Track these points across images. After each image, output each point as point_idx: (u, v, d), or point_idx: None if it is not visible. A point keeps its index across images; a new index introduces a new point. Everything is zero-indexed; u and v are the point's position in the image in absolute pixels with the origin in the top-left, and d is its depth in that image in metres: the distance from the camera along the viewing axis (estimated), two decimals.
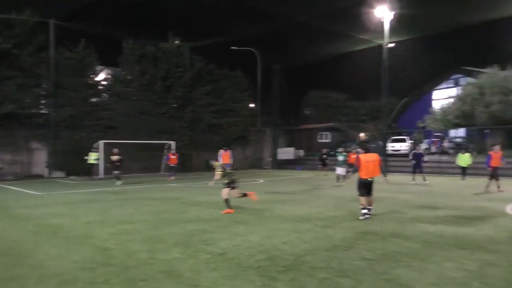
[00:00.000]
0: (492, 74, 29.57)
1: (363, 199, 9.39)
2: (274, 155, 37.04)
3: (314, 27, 32.17)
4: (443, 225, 8.57)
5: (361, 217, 9.27)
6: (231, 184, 10.78)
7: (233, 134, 33.93)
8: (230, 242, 7.07)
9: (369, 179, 9.39)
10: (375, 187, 9.65)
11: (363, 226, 8.47)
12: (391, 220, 9.18)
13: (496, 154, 15.72)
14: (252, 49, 37.20)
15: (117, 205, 12.27)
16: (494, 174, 15.51)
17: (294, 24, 32.39)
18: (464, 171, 21.32)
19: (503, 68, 29.63)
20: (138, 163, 27.27)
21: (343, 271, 5.37)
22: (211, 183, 11.61)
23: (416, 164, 20.14)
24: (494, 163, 15.60)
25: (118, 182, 19.46)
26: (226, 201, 10.55)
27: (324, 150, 26.45)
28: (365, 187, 9.40)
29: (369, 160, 9.43)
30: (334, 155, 22.16)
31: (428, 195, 14.63)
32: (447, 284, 4.83)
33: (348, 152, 19.92)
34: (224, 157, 21.14)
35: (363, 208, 9.36)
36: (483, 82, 29.64)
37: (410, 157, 20.80)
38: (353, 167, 10.96)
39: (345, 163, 18.49)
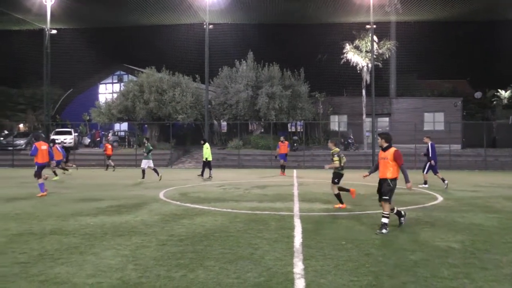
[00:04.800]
0: (149, 74, 32.91)
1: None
2: None
3: None
4: (104, 216, 8.89)
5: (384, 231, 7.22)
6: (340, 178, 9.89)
7: None
8: None
9: None
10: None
11: (17, 228, 7.66)
12: (50, 217, 8.74)
13: (283, 144, 21.38)
14: None
15: None
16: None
17: None
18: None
19: (158, 70, 33.52)
20: None
21: None
22: (327, 167, 10.33)
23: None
24: (283, 150, 21.29)
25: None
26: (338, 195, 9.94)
27: None
28: None
29: None
30: None
31: (90, 187, 14.80)
32: (105, 272, 5.05)
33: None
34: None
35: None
36: (143, 81, 32.55)
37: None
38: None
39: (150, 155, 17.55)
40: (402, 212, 7.88)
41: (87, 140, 36.56)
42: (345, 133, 33.65)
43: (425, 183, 15.05)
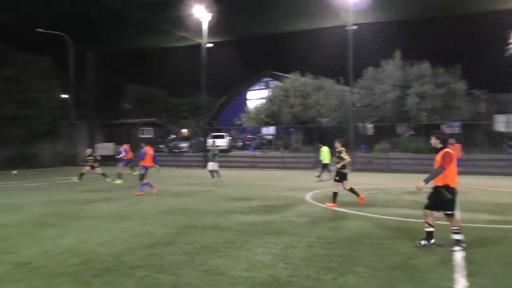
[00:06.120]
0: (294, 79, 33.85)
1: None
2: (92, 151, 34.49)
3: (132, 17, 31.08)
4: (255, 215, 9.43)
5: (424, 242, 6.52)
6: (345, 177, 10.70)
7: (39, 127, 30.15)
8: (38, 249, 6.32)
9: None
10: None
11: (183, 221, 8.65)
12: (208, 213, 9.63)
13: (454, 147, 18.21)
14: (62, 34, 33.65)
15: None
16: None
17: (109, 10, 30.63)
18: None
19: (302, 74, 34.22)
20: None
21: (162, 266, 5.40)
22: (338, 165, 10.89)
23: None
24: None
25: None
26: (335, 194, 10.66)
27: (89, 151, 19.42)
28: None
29: None
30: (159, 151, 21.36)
31: (242, 187, 15.85)
32: (257, 268, 5.35)
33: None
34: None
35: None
36: (287, 86, 33.65)
37: None
38: None
39: (215, 157, 17.71)
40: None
41: (238, 143, 39.34)
42: None
43: None
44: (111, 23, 33.01)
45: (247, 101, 45.41)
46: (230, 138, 37.48)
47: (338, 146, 11.03)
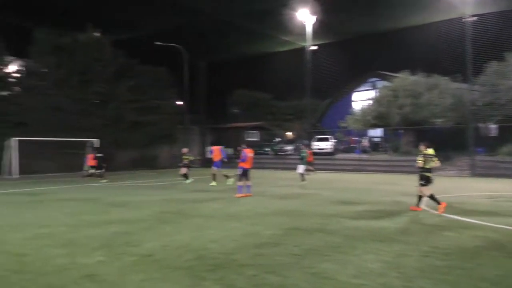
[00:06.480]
0: (403, 79, 31.95)
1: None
2: (203, 153, 36.76)
3: (240, 25, 32.48)
4: (363, 220, 9.09)
5: None
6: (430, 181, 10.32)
7: (158, 132, 33.09)
8: (157, 243, 6.88)
9: None
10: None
11: (290, 223, 8.70)
12: (315, 216, 9.55)
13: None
14: (177, 45, 36.47)
15: (34, 208, 11.39)
16: None
17: (220, 22, 32.42)
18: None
19: (413, 73, 32.16)
20: (55, 162, 25.55)
21: (271, 267, 5.47)
22: (419, 164, 10.60)
23: None
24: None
25: (103, 180, 19.87)
26: (432, 196, 10.18)
27: (185, 150, 20.39)
28: None
29: None
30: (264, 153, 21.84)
31: (348, 191, 15.43)
32: (367, 275, 5.12)
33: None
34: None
35: None
36: (396, 86, 31.91)
37: None
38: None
39: (305, 160, 17.56)
40: None
41: (343, 146, 38.51)
42: None
43: None
44: (221, 33, 34.87)
45: (353, 103, 44.17)
46: (335, 140, 36.84)
47: (422, 148, 10.67)
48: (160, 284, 4.86)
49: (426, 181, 10.31)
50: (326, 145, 33.39)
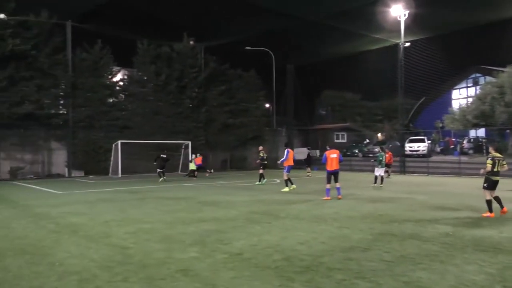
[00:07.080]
0: (511, 73, 28.87)
1: None
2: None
3: (328, 26, 32.02)
4: (463, 227, 8.41)
5: None
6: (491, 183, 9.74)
7: (247, 134, 33.99)
8: (247, 242, 7.06)
9: None
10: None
11: (380, 227, 8.38)
12: (408, 221, 9.06)
13: None
14: (266, 49, 37.16)
15: (135, 205, 12.41)
16: None
17: (308, 23, 32.29)
18: None
19: None
20: (153, 163, 27.57)
21: (361, 272, 5.32)
22: (482, 171, 10.17)
23: None
24: None
25: (161, 179, 21.62)
26: (489, 202, 9.71)
27: (261, 148, 20.67)
28: None
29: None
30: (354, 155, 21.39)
31: (446, 196, 14.39)
32: (468, 287, 4.74)
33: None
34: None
35: None
36: (503, 81, 28.97)
37: None
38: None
39: (382, 163, 17.33)
40: None
41: (439, 148, 36.14)
42: None
43: None
44: (309, 34, 34.73)
45: (452, 101, 41.14)
46: (430, 142, 34.62)
47: (491, 151, 10.26)
48: (250, 282, 4.99)
49: (490, 184, 9.74)
50: (419, 147, 31.44)
